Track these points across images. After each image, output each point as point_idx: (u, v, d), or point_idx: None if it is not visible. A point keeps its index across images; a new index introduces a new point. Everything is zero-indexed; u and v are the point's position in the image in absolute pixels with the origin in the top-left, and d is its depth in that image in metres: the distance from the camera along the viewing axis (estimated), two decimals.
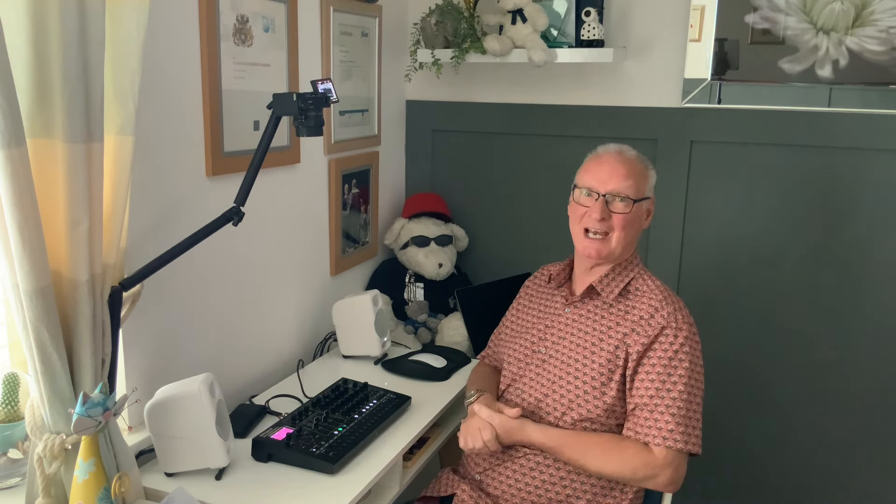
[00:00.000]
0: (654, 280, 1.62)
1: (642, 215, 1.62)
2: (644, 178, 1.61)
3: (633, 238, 1.62)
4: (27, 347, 1.22)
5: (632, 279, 1.61)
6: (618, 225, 1.57)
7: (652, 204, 1.65)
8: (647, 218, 1.64)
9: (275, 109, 1.50)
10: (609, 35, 2.30)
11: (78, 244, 1.23)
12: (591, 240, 1.58)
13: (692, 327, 1.54)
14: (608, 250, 1.58)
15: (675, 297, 1.58)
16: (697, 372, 1.52)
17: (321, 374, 2.01)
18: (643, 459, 1.46)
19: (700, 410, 1.51)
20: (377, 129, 2.45)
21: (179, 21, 1.59)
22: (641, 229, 1.64)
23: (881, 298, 2.17)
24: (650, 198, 1.64)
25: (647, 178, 1.62)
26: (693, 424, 1.48)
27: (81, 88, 1.18)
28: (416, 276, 2.48)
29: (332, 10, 2.09)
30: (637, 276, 1.62)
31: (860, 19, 2.03)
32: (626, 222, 1.57)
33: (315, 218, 2.17)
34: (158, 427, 1.44)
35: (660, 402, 1.48)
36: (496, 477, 1.61)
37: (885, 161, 2.10)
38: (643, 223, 1.63)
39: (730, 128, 2.23)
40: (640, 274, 1.63)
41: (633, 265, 1.64)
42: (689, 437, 1.47)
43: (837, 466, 2.30)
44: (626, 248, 1.60)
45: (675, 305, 1.55)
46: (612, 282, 1.60)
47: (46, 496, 1.30)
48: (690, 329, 1.53)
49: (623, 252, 1.60)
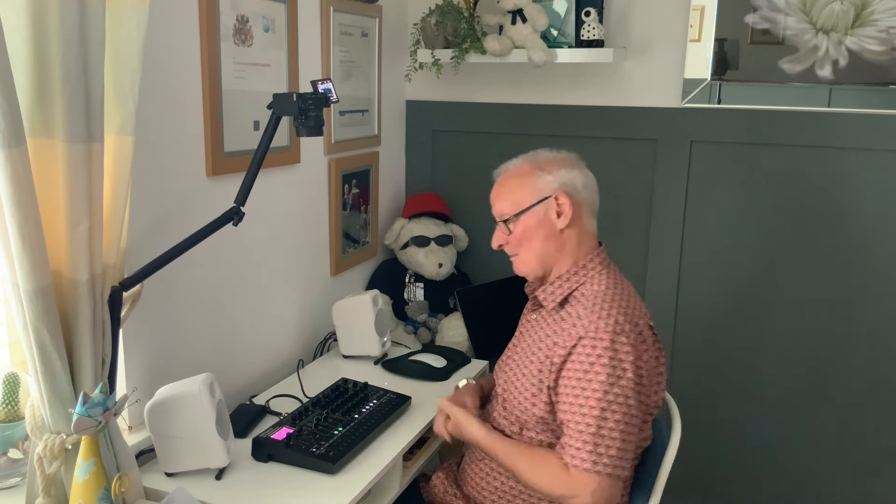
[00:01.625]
0: (602, 286, 1.47)
1: (543, 222, 1.50)
2: (522, 187, 1.51)
3: (549, 249, 1.51)
4: (27, 347, 1.22)
5: (578, 287, 1.49)
6: (514, 245, 1.53)
7: (558, 201, 1.49)
8: (561, 217, 1.49)
9: (275, 109, 1.50)
10: (609, 35, 2.30)
11: (78, 244, 1.23)
12: (513, 260, 1.57)
13: (618, 337, 1.37)
14: (526, 268, 1.54)
15: (609, 305, 1.42)
16: (620, 386, 1.36)
17: (321, 374, 2.01)
18: (561, 478, 1.36)
19: (620, 429, 1.35)
20: (377, 130, 2.45)
21: (179, 21, 1.59)
22: (557, 234, 1.50)
23: (881, 298, 2.17)
24: (547, 197, 1.49)
25: (527, 183, 1.51)
26: (607, 444, 1.34)
27: (81, 88, 1.18)
28: (416, 276, 2.48)
29: (332, 10, 2.09)
30: (586, 282, 1.49)
31: (860, 19, 2.03)
32: (518, 240, 1.52)
33: (315, 218, 2.17)
34: (158, 427, 1.44)
35: (572, 418, 1.37)
36: (468, 471, 1.63)
37: (885, 161, 2.10)
38: (554, 227, 1.50)
39: (730, 128, 2.23)
40: (589, 280, 1.49)
41: (583, 272, 1.50)
42: (599, 457, 1.33)
43: (837, 467, 2.30)
44: (549, 258, 1.52)
45: (601, 314, 1.40)
46: (554, 291, 1.52)
47: (46, 496, 1.30)
48: (614, 340, 1.37)
49: (554, 262, 1.52)
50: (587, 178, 1.55)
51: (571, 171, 1.52)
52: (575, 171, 1.53)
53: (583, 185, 1.52)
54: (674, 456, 1.52)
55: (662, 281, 2.38)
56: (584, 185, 1.53)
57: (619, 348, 1.37)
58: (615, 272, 1.54)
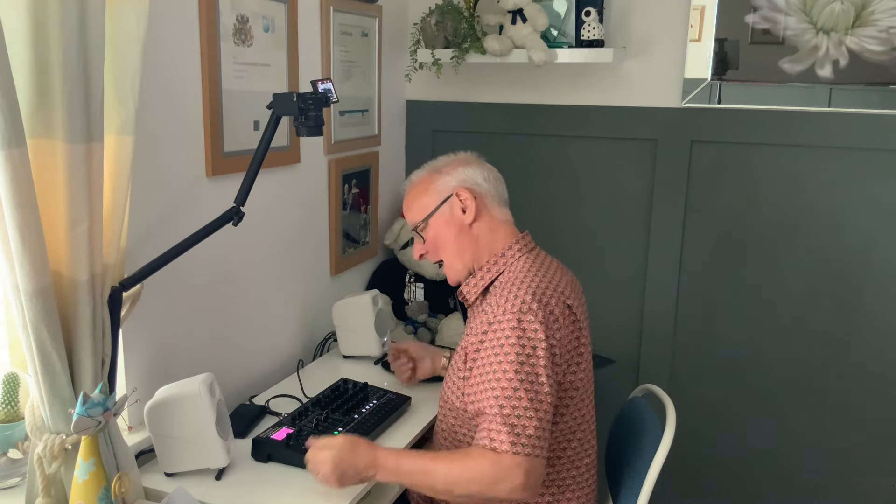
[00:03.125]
0: (521, 272, 1.46)
1: (450, 221, 1.54)
2: (425, 192, 1.57)
3: (463, 245, 1.54)
4: (27, 347, 1.22)
5: (497, 276, 1.50)
6: (433, 251, 1.58)
7: (459, 197, 1.53)
8: (467, 212, 1.53)
9: (275, 109, 1.50)
10: (609, 35, 2.30)
11: (78, 244, 1.23)
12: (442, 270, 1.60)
13: (524, 316, 1.35)
14: (454, 273, 1.57)
15: (518, 288, 1.41)
16: (531, 364, 1.33)
17: (321, 374, 2.01)
18: (487, 466, 1.30)
19: (535, 408, 1.32)
20: (377, 129, 2.45)
21: (179, 21, 1.59)
22: (467, 229, 1.53)
23: (881, 298, 2.17)
24: (449, 196, 1.54)
25: (429, 189, 1.56)
26: (524, 424, 1.31)
27: (81, 88, 1.18)
28: (416, 276, 2.48)
29: (332, 10, 2.09)
30: (505, 270, 1.50)
31: (860, 19, 2.03)
32: (434, 244, 1.57)
33: (315, 218, 2.17)
34: (158, 427, 1.44)
35: (486, 403, 1.34)
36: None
37: (885, 161, 2.10)
38: (462, 223, 1.53)
39: (730, 128, 2.23)
40: (508, 268, 1.50)
41: (503, 260, 1.51)
42: (517, 438, 1.30)
43: (837, 466, 2.31)
44: (467, 256, 1.54)
45: (508, 297, 1.40)
46: (476, 283, 1.54)
47: (46, 496, 1.30)
48: (521, 319, 1.35)
49: (473, 259, 1.54)
50: (487, 171, 1.59)
51: (468, 168, 1.57)
52: (472, 167, 1.58)
53: (483, 178, 1.57)
54: (665, 454, 1.50)
55: (662, 281, 2.38)
56: (485, 178, 1.57)
57: (526, 327, 1.35)
58: (540, 256, 1.54)
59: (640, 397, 1.78)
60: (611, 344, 2.38)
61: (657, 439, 1.54)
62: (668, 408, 1.62)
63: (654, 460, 1.50)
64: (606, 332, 2.35)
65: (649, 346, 2.43)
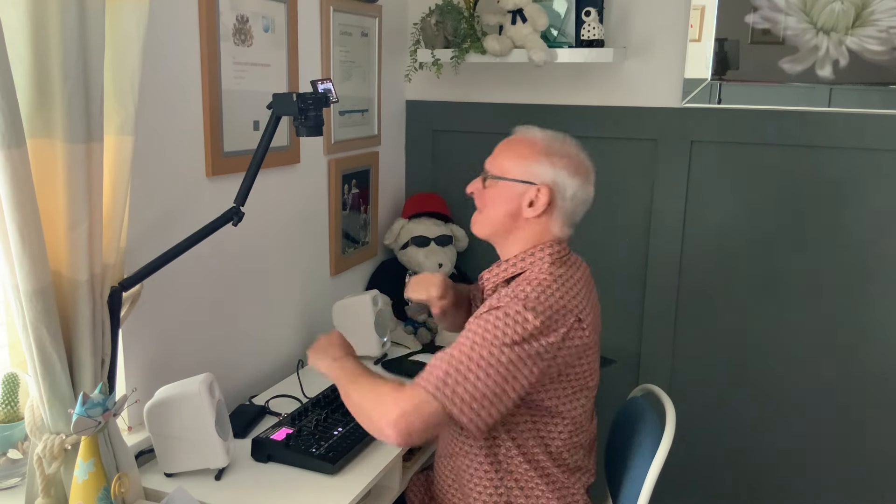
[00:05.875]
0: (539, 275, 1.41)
1: (513, 200, 1.47)
2: (519, 157, 1.47)
3: (505, 225, 1.49)
4: (27, 347, 1.22)
5: (520, 273, 1.47)
6: (481, 200, 1.53)
7: (538, 193, 1.45)
8: (531, 208, 1.46)
9: (275, 109, 1.50)
10: (609, 35, 2.30)
11: (78, 244, 1.23)
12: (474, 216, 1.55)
13: (526, 312, 1.33)
14: (479, 228, 1.53)
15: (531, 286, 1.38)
16: (506, 345, 1.30)
17: (321, 375, 1.99)
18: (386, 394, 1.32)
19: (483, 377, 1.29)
20: (377, 129, 2.45)
21: (179, 21, 1.59)
22: (520, 218, 1.47)
23: (882, 298, 2.17)
24: (532, 183, 1.45)
25: (525, 160, 1.46)
26: (456, 379, 1.28)
27: (81, 88, 1.18)
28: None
29: (332, 10, 2.09)
30: (528, 269, 1.46)
31: (860, 19, 2.03)
32: (486, 199, 1.51)
33: (315, 218, 2.16)
34: (158, 427, 1.44)
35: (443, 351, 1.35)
36: (435, 479, 1.63)
37: (885, 161, 2.10)
38: (520, 210, 1.47)
39: (730, 128, 2.23)
40: (531, 268, 1.45)
41: (530, 259, 1.47)
42: (444, 385, 1.28)
43: (837, 466, 2.30)
44: (500, 233, 1.50)
45: (517, 291, 1.38)
46: (498, 273, 1.52)
47: (46, 496, 1.30)
48: (518, 311, 1.33)
49: (504, 240, 1.51)
50: (583, 193, 1.49)
51: (572, 177, 1.46)
52: (576, 180, 1.47)
53: (572, 195, 1.47)
54: (665, 454, 1.50)
55: (662, 280, 2.38)
56: (574, 196, 1.47)
57: (518, 319, 1.32)
58: (568, 269, 1.47)
59: (639, 397, 1.78)
60: (611, 344, 2.37)
61: (657, 439, 1.53)
62: (667, 408, 1.62)
63: (654, 460, 1.50)
64: (606, 332, 2.34)
65: (649, 346, 2.43)
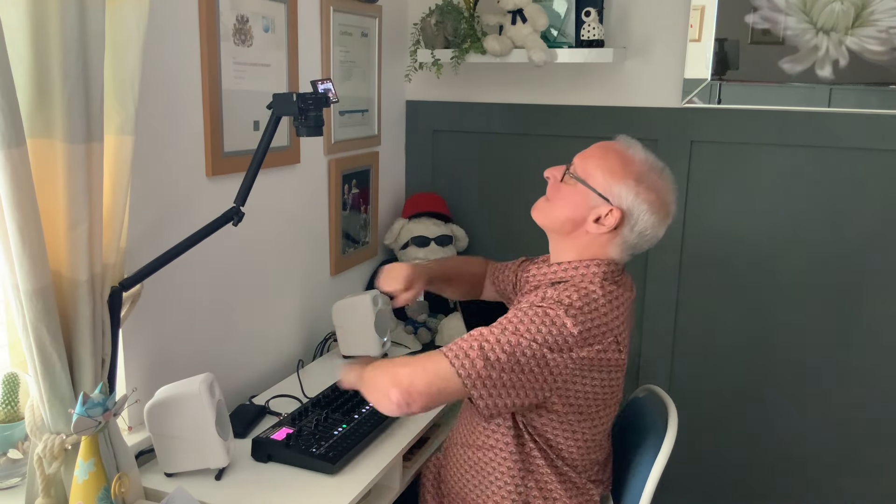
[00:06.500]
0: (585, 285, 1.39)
1: (581, 208, 1.43)
2: (607, 174, 1.42)
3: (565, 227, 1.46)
4: (27, 347, 1.22)
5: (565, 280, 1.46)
6: (554, 191, 1.50)
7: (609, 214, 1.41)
8: (596, 223, 1.42)
9: (275, 109, 1.50)
10: (609, 35, 2.30)
11: (78, 244, 1.23)
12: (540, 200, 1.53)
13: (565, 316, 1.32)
14: (539, 214, 1.51)
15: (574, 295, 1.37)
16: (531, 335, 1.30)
17: (321, 374, 2.00)
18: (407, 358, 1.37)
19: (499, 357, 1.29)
20: (377, 130, 2.45)
21: (179, 21, 1.59)
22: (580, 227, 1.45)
23: (882, 298, 2.17)
24: (608, 201, 1.41)
25: (613, 174, 1.41)
26: (473, 346, 1.30)
27: (81, 88, 1.18)
28: None
29: (332, 10, 2.09)
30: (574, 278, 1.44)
31: (860, 19, 2.03)
32: (560, 193, 1.47)
33: (315, 218, 2.16)
34: (158, 427, 1.44)
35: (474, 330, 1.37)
36: (447, 465, 1.63)
37: (885, 161, 2.10)
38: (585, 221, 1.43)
39: (730, 128, 2.23)
40: (581, 279, 1.43)
41: (582, 270, 1.45)
42: (463, 355, 1.30)
43: (838, 466, 2.30)
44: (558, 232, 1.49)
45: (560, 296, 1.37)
46: (547, 272, 1.51)
47: (46, 496, 1.30)
48: (559, 314, 1.32)
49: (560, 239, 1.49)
50: (653, 232, 1.45)
51: (650, 215, 1.42)
52: (653, 218, 1.42)
53: (641, 231, 1.43)
54: (668, 454, 1.50)
55: (663, 281, 2.38)
56: (642, 233, 1.43)
57: (557, 322, 1.31)
58: (618, 287, 1.43)
59: (641, 397, 1.77)
60: None
61: (659, 440, 1.53)
62: (669, 408, 1.62)
63: (657, 460, 1.50)
64: None
65: (649, 346, 2.43)
